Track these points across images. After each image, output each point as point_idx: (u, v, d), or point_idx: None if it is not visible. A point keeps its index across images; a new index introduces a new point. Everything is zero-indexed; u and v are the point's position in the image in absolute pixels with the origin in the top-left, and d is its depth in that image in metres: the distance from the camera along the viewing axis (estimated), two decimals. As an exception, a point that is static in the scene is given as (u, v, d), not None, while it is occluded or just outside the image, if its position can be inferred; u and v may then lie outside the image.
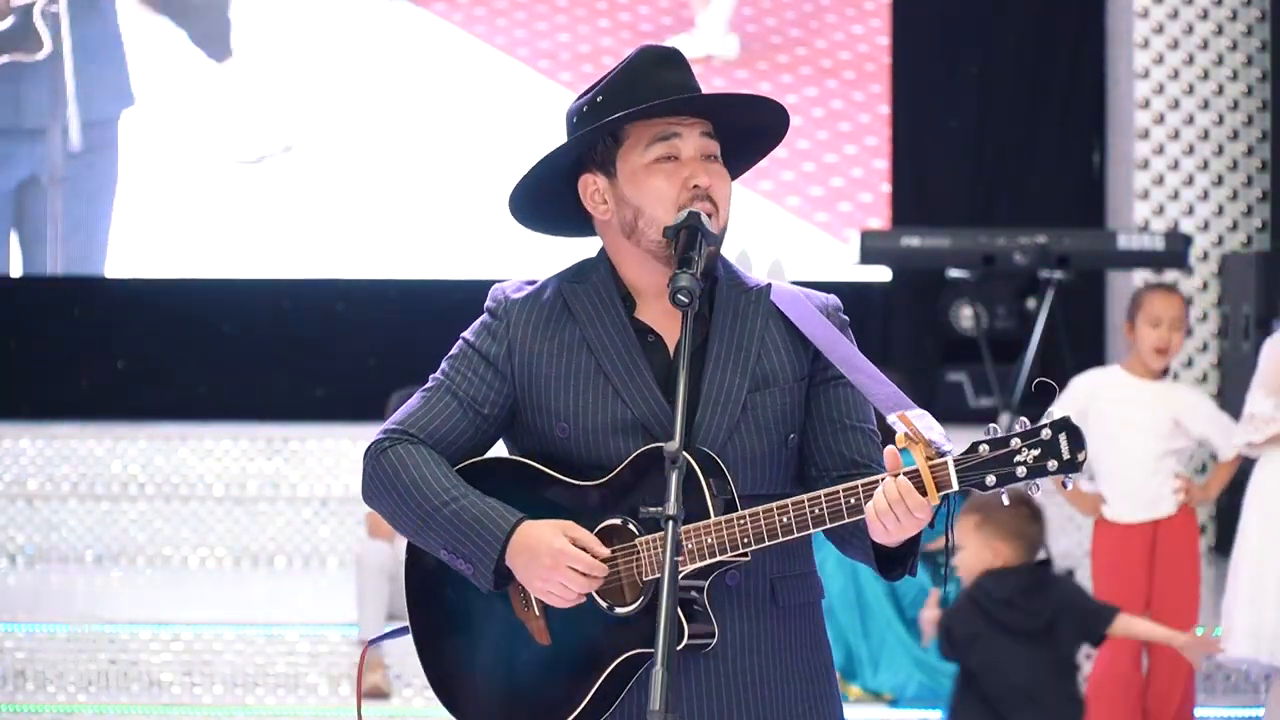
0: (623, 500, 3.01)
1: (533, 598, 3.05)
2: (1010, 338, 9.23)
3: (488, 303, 3.21)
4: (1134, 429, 6.33)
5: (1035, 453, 2.80)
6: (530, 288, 3.20)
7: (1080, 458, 2.79)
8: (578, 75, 9.80)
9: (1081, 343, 9.23)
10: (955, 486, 2.81)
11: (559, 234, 3.26)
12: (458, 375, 3.15)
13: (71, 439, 8.78)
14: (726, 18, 9.89)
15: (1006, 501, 2.88)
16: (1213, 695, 6.89)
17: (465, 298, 10.68)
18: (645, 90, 3.07)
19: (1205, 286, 9.23)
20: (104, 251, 9.75)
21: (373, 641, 3.30)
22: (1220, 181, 9.26)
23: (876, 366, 3.06)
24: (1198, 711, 6.63)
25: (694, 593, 2.97)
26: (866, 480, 2.88)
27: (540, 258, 10.67)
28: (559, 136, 3.19)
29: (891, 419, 2.86)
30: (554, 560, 2.96)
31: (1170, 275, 9.18)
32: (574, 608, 3.02)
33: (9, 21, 9.52)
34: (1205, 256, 9.22)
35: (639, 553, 2.99)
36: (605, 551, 2.99)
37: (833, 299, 3.15)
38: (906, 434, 2.83)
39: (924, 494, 2.82)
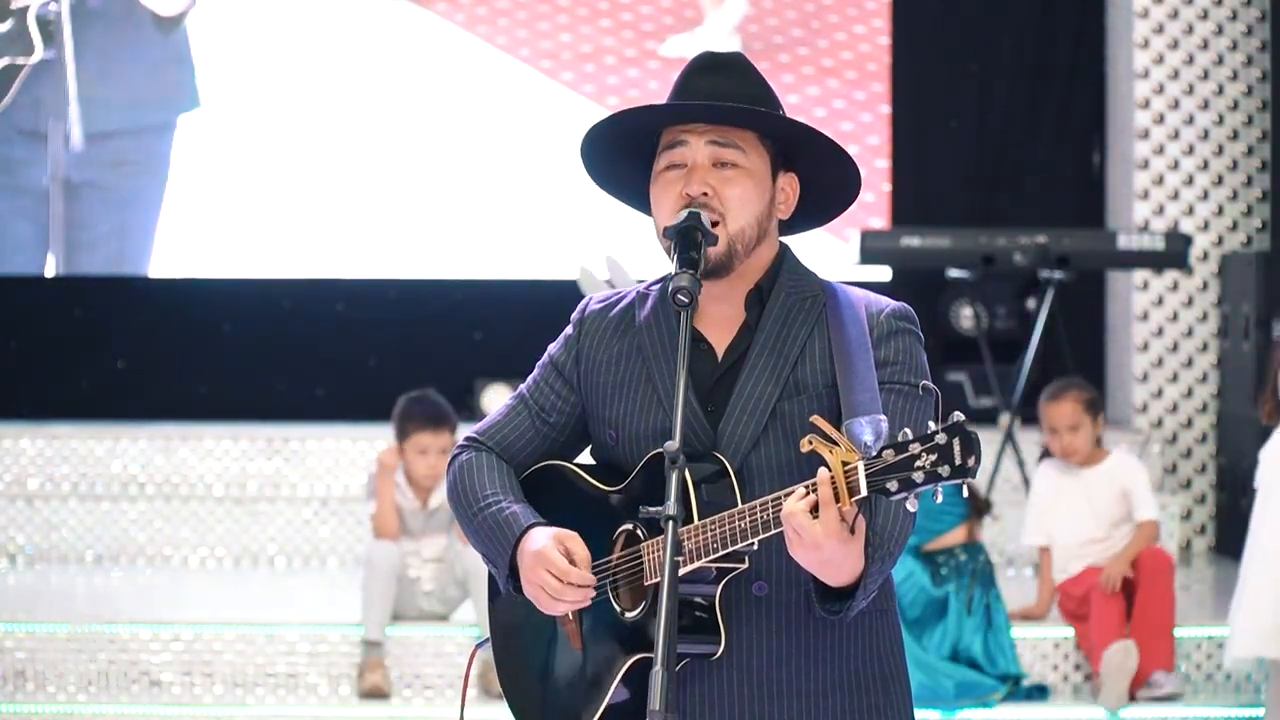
0: (638, 505, 3.01)
1: None
2: (1010, 338, 9.23)
3: (573, 313, 3.24)
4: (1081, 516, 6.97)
5: (932, 458, 2.72)
6: (614, 296, 3.22)
7: (971, 463, 2.70)
8: (579, 75, 9.80)
9: (1081, 343, 9.23)
10: (864, 492, 2.76)
11: None
12: (533, 384, 3.23)
13: (71, 439, 8.78)
14: (736, 21, 9.89)
15: (913, 508, 2.79)
16: (1213, 695, 6.89)
17: (464, 297, 10.81)
18: (677, 98, 3.08)
19: (1205, 286, 9.23)
20: (104, 252, 9.74)
21: (480, 645, 3.34)
22: (1220, 181, 9.25)
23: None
24: (1193, 711, 6.65)
25: (699, 599, 2.96)
26: (809, 483, 2.83)
27: (541, 258, 10.70)
28: (559, 136, 3.20)
29: (812, 419, 2.83)
30: (533, 562, 3.03)
31: (1170, 275, 9.18)
32: (599, 614, 3.06)
33: (8, 25, 9.53)
34: (1205, 256, 9.22)
35: (643, 557, 3.00)
36: (584, 555, 3.02)
37: (892, 305, 3.10)
38: (814, 439, 2.78)
39: (839, 500, 2.77)
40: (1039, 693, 6.70)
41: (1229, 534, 8.93)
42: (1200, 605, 7.95)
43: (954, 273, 9.04)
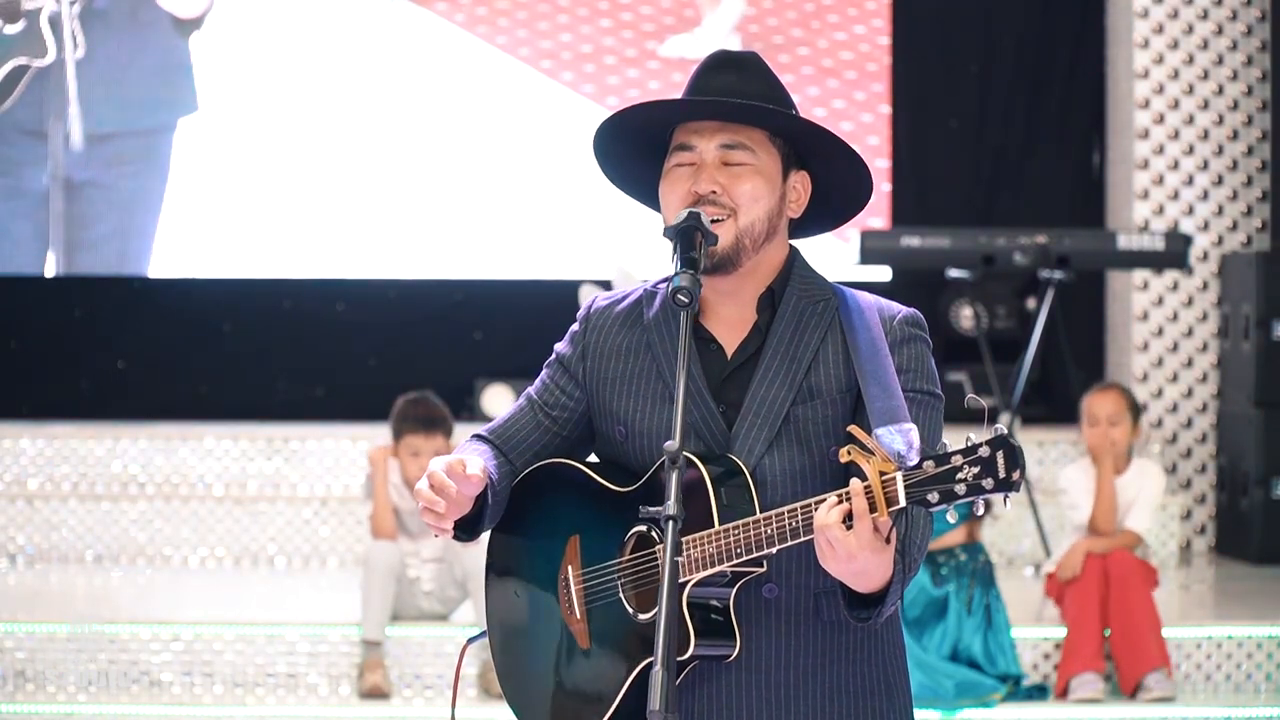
0: (652, 506, 2.97)
1: (574, 601, 3.09)
2: (1010, 338, 9.23)
3: (579, 311, 3.23)
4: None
5: (975, 470, 2.71)
6: (619, 294, 3.22)
7: (1015, 477, 2.70)
8: (579, 75, 9.80)
9: (1081, 343, 9.23)
10: (903, 503, 2.74)
11: None
12: (539, 382, 3.23)
13: (71, 439, 8.78)
14: (734, 21, 9.89)
15: (953, 519, 2.78)
16: (1212, 695, 6.88)
17: (465, 297, 10.80)
18: (689, 95, 3.07)
19: (1205, 286, 9.23)
20: (104, 252, 9.74)
21: (472, 640, 3.32)
22: (1220, 181, 9.26)
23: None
24: (1192, 711, 6.64)
25: (714, 601, 2.95)
26: (841, 492, 2.81)
27: (541, 258, 10.69)
28: (560, 137, 3.19)
29: (850, 429, 2.82)
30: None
31: (1170, 275, 9.18)
32: (609, 615, 3.04)
33: (20, 26, 9.53)
34: (1205, 256, 9.22)
35: (658, 559, 2.98)
36: (468, 472, 3.00)
37: (904, 311, 3.09)
38: (852, 449, 2.77)
39: (874, 510, 2.76)
40: (1039, 693, 6.70)
41: (1229, 534, 8.93)
42: (1200, 605, 7.96)
43: (954, 273, 9.04)
